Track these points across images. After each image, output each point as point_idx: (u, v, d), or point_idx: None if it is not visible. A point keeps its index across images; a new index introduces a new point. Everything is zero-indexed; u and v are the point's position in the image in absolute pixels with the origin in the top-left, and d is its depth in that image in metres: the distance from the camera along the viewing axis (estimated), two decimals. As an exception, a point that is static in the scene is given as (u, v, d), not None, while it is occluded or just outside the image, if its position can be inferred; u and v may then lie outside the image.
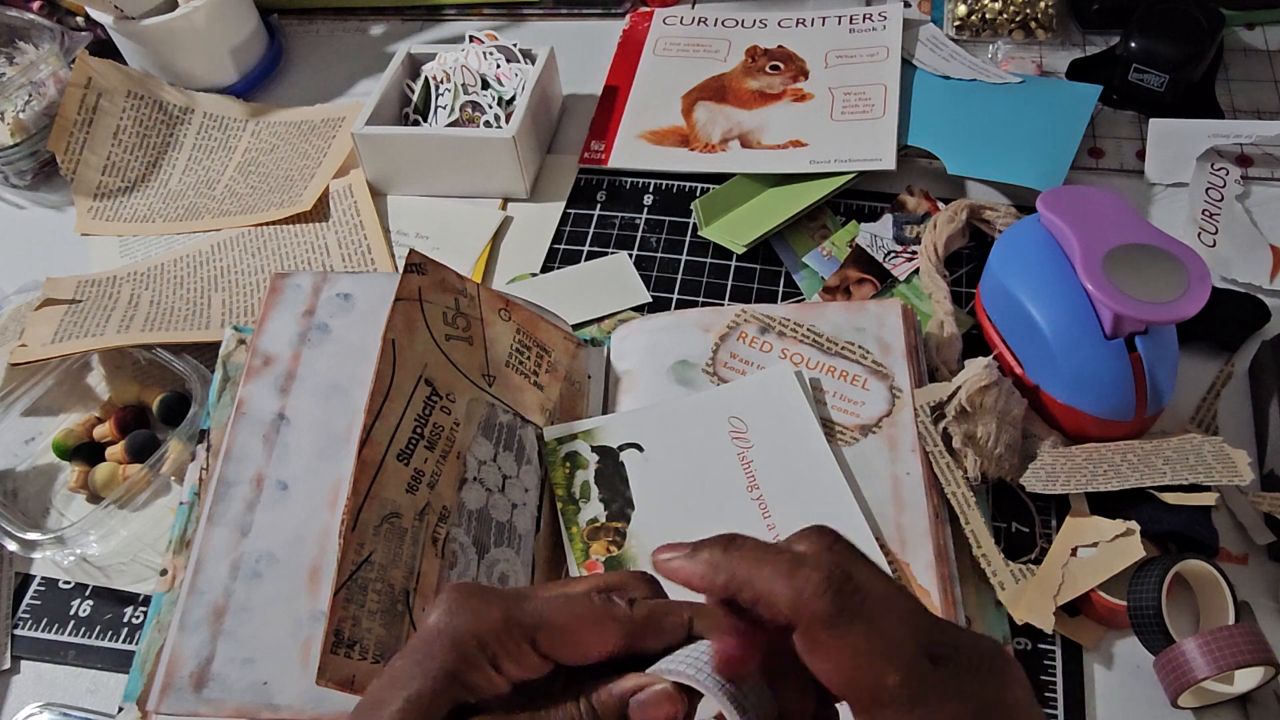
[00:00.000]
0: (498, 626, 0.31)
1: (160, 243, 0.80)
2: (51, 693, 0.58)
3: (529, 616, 0.31)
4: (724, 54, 0.86)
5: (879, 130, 0.76)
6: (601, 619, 0.32)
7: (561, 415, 0.61)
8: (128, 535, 0.62)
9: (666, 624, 0.32)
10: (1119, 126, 0.78)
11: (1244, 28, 0.83)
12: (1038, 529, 0.57)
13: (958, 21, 0.85)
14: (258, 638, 0.51)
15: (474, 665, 0.30)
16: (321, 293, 0.62)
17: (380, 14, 0.98)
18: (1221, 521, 0.56)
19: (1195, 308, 0.52)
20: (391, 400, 0.52)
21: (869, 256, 0.71)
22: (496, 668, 0.31)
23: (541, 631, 0.31)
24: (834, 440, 0.58)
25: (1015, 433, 0.57)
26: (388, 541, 0.49)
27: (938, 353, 0.63)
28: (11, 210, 0.87)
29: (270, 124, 0.88)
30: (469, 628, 0.31)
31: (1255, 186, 0.72)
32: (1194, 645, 0.48)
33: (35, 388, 0.69)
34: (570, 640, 0.31)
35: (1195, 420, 0.60)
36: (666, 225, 0.76)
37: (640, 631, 0.32)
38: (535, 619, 0.31)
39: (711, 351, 0.62)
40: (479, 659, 0.30)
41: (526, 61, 0.82)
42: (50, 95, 0.85)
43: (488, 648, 0.30)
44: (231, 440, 0.57)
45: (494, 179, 0.78)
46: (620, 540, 0.55)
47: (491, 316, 0.59)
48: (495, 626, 0.31)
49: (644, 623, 0.32)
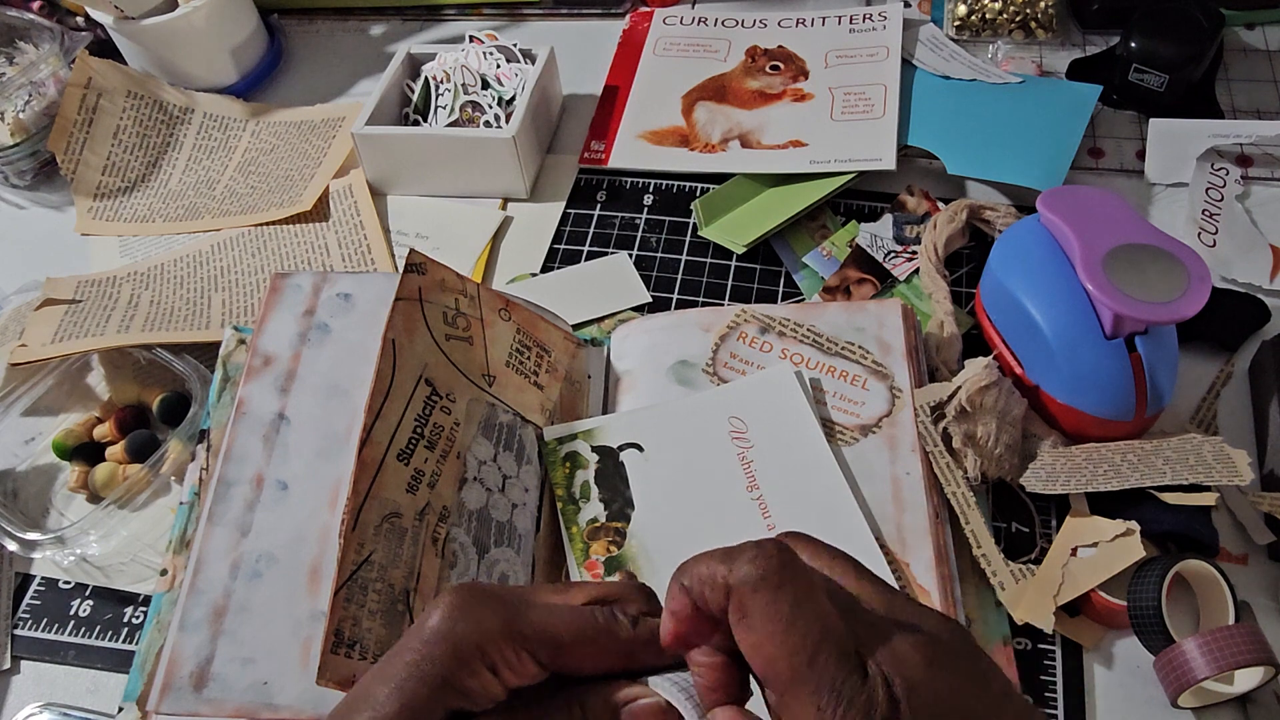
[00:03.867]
0: (498, 634, 0.31)
1: (160, 243, 0.80)
2: (51, 693, 0.58)
3: (531, 628, 0.31)
4: (724, 54, 0.86)
5: (879, 130, 0.76)
6: (604, 637, 0.32)
7: (561, 415, 0.61)
8: (128, 535, 0.62)
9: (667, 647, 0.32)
10: (1119, 126, 0.78)
11: (1244, 28, 0.83)
12: (1038, 529, 0.57)
13: (958, 21, 0.85)
14: (258, 638, 0.51)
15: (472, 672, 0.30)
16: (321, 293, 0.62)
17: (380, 14, 0.98)
18: (1221, 521, 0.56)
19: (1195, 308, 0.52)
20: (391, 400, 0.52)
21: (869, 256, 0.71)
22: (494, 673, 0.31)
23: (542, 643, 0.31)
24: (834, 440, 0.58)
25: (1015, 433, 0.57)
26: (388, 541, 0.49)
27: (938, 353, 0.63)
28: (11, 210, 0.87)
29: (270, 124, 0.88)
30: (470, 636, 0.30)
31: (1255, 186, 0.72)
32: (1194, 645, 0.48)
33: (35, 388, 0.69)
34: (571, 655, 0.31)
35: (1195, 420, 0.60)
36: (666, 225, 0.76)
37: (640, 651, 0.32)
38: (536, 630, 0.31)
39: (711, 351, 0.62)
40: (477, 665, 0.30)
41: (526, 61, 0.82)
42: (50, 95, 0.85)
43: (488, 655, 0.30)
44: (231, 440, 0.57)
45: (494, 179, 0.78)
46: (620, 540, 0.55)
47: (491, 316, 0.59)
48: (496, 634, 0.30)
49: (644, 643, 0.32)
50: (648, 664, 0.32)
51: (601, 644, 0.32)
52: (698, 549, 0.32)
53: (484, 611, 0.31)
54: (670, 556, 0.54)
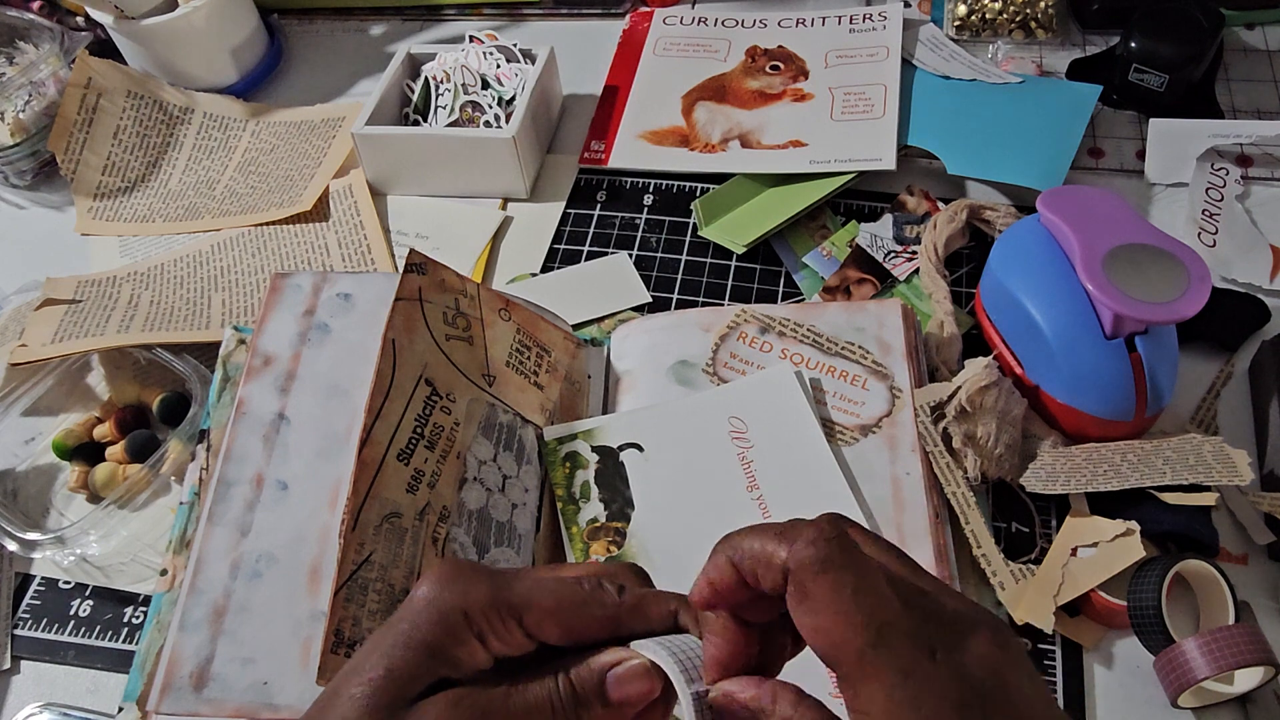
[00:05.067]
0: (485, 603, 0.31)
1: (160, 243, 0.80)
2: (51, 693, 0.58)
3: (517, 596, 0.31)
4: (724, 54, 0.86)
5: (879, 130, 0.76)
6: (588, 603, 0.32)
7: (561, 415, 0.61)
8: (128, 535, 0.62)
9: (653, 613, 0.33)
10: (1119, 126, 0.78)
11: (1244, 28, 0.83)
12: (1038, 529, 0.57)
13: (958, 21, 0.85)
14: (258, 638, 0.51)
15: (459, 640, 0.31)
16: (321, 293, 0.62)
17: (380, 14, 0.98)
18: (1221, 521, 0.56)
19: (1195, 308, 0.52)
20: (391, 400, 0.52)
21: (869, 256, 0.71)
22: (481, 642, 0.31)
23: (528, 611, 0.31)
24: (834, 440, 0.58)
25: (1015, 433, 0.57)
26: (388, 541, 0.49)
27: (938, 353, 0.63)
28: (11, 210, 0.87)
29: (270, 124, 0.88)
30: (457, 602, 0.31)
31: (1255, 186, 0.72)
32: (1194, 645, 0.48)
33: (35, 388, 0.69)
34: (556, 622, 0.32)
35: (1195, 420, 0.60)
36: (666, 225, 0.76)
37: (626, 618, 0.32)
38: (523, 599, 0.31)
39: (711, 351, 0.62)
40: (464, 633, 0.31)
41: (526, 61, 0.82)
42: (50, 95, 0.85)
43: (474, 623, 0.31)
44: (231, 440, 0.57)
45: (494, 179, 0.78)
46: (620, 540, 0.55)
47: (491, 316, 0.59)
48: (483, 602, 0.31)
49: (630, 610, 0.32)
50: (635, 632, 0.32)
51: (587, 611, 0.32)
52: (698, 549, 0.32)
53: (471, 581, 0.31)
54: (670, 556, 0.54)
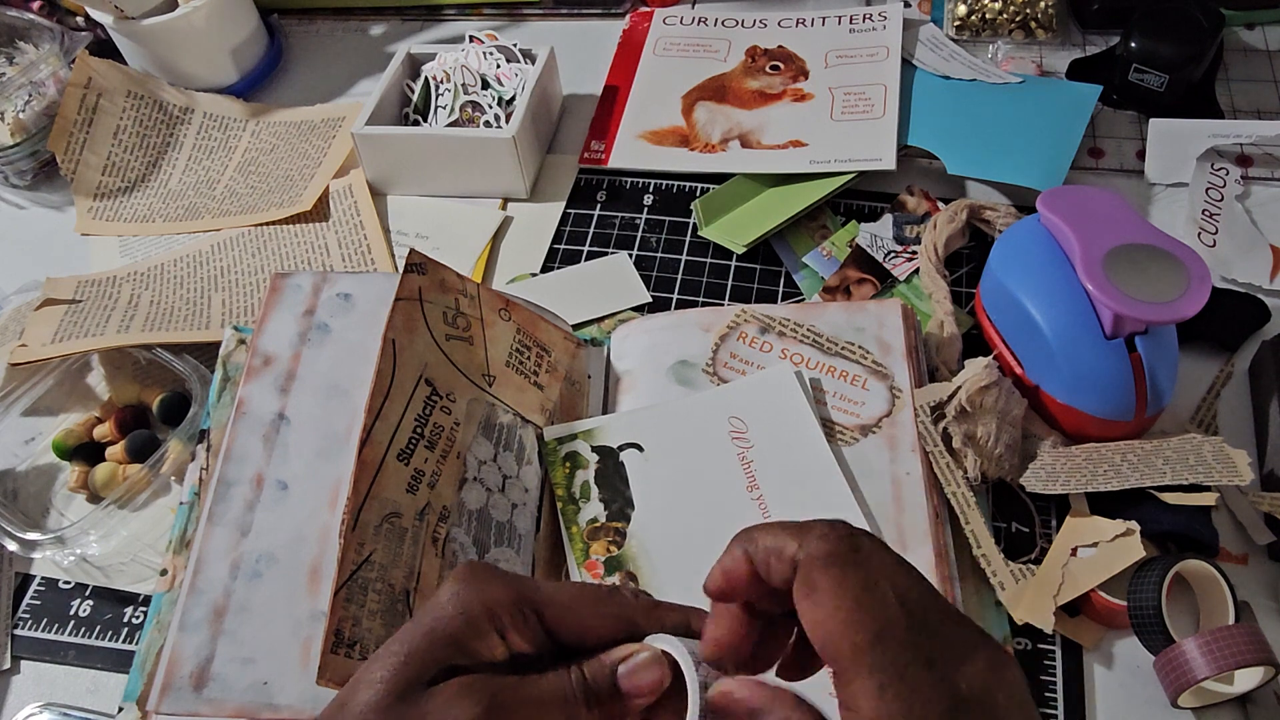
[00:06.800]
0: (508, 598, 0.32)
1: (160, 243, 0.80)
2: (51, 693, 0.58)
3: (538, 593, 0.33)
4: (724, 54, 0.86)
5: (879, 130, 0.76)
6: (606, 601, 0.33)
7: (561, 415, 0.61)
8: (128, 535, 0.62)
9: (668, 618, 0.34)
10: (1119, 126, 0.78)
11: (1244, 28, 0.83)
12: (1038, 529, 0.57)
13: (958, 21, 0.85)
14: (258, 638, 0.51)
15: (479, 633, 0.32)
16: (321, 293, 0.62)
17: (380, 14, 0.98)
18: (1221, 521, 0.56)
19: (1195, 308, 0.52)
20: (391, 400, 0.52)
21: (869, 256, 0.71)
22: (501, 636, 0.32)
23: (549, 607, 0.33)
24: (834, 440, 0.58)
25: (1015, 433, 0.57)
26: (388, 541, 0.49)
27: (938, 353, 0.63)
28: (11, 210, 0.87)
29: (270, 124, 0.88)
30: (480, 597, 0.32)
31: (1255, 186, 0.72)
32: (1194, 645, 0.48)
33: (35, 388, 0.69)
34: (575, 618, 0.33)
35: (1195, 420, 0.60)
36: (666, 225, 0.76)
37: (641, 620, 0.33)
38: (545, 596, 0.33)
39: (711, 351, 0.62)
40: (485, 627, 0.32)
41: (526, 61, 0.82)
42: (50, 95, 0.85)
43: (497, 618, 0.32)
44: (231, 440, 0.57)
45: (494, 179, 0.78)
46: (620, 540, 0.55)
47: (491, 316, 0.59)
48: (506, 598, 0.32)
49: (645, 611, 0.34)
50: (650, 633, 0.33)
51: (605, 609, 0.33)
52: (698, 549, 0.32)
53: (495, 579, 0.33)
54: (670, 556, 0.54)
